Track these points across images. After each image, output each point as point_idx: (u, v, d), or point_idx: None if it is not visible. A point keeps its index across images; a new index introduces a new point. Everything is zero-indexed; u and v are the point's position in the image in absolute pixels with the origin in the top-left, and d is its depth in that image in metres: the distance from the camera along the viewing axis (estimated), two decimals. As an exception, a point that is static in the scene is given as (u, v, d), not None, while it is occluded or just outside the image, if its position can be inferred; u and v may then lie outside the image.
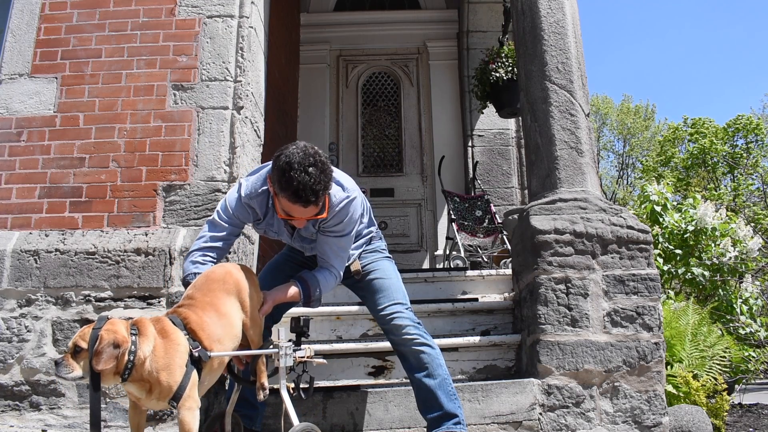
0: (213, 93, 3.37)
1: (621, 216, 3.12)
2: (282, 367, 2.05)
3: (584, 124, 3.35)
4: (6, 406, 2.87)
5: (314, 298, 2.27)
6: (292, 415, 2.02)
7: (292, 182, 1.97)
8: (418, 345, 2.40)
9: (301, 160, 1.99)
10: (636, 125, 23.65)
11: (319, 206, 2.08)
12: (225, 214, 2.30)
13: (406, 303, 2.48)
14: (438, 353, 2.44)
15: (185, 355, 1.85)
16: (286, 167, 1.99)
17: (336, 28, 6.93)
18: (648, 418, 2.81)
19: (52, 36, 3.47)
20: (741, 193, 17.53)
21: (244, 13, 3.52)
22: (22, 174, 3.27)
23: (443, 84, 6.77)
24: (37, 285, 3.02)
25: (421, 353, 2.40)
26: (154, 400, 1.82)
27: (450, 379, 2.44)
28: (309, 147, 2.07)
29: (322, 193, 2.03)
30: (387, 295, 2.46)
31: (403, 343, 2.41)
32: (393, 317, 2.41)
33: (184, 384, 1.81)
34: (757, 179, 17.83)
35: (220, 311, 2.00)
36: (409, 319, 2.42)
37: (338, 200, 2.21)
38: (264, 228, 2.37)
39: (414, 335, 2.40)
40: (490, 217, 5.25)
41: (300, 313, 2.92)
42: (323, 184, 2.02)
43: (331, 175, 2.08)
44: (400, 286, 2.52)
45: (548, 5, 3.48)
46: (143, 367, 1.79)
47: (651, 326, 2.91)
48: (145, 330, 1.84)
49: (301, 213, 2.07)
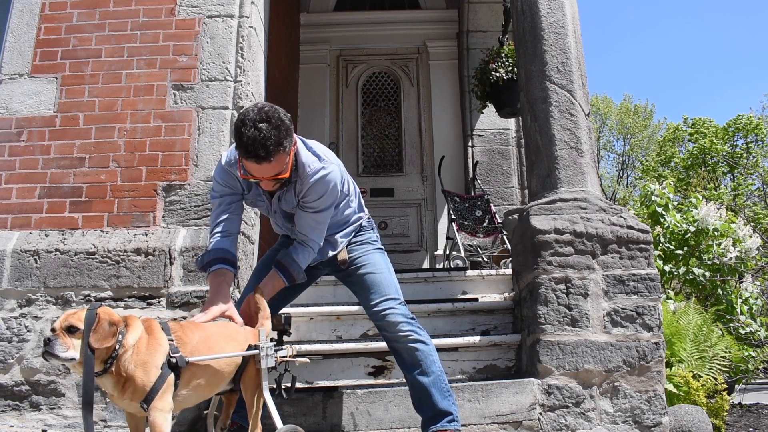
0: (213, 93, 3.37)
1: (621, 216, 3.12)
2: (263, 368, 2.01)
3: (584, 124, 3.35)
4: (6, 406, 2.87)
5: (296, 277, 2.27)
6: (275, 418, 1.98)
7: (242, 138, 1.96)
8: (411, 342, 2.37)
9: (254, 116, 1.97)
10: (635, 125, 23.66)
11: (273, 164, 2.00)
12: (216, 189, 2.31)
13: (399, 298, 2.44)
14: (432, 349, 2.41)
15: (163, 357, 1.81)
16: (239, 124, 1.98)
17: (336, 28, 6.93)
18: (648, 417, 2.81)
19: (52, 36, 3.47)
20: (741, 193, 17.54)
21: (244, 13, 3.52)
22: (22, 174, 3.28)
23: (443, 84, 6.77)
24: (37, 285, 3.02)
25: (414, 350, 2.37)
26: (127, 400, 1.78)
27: (444, 376, 2.41)
28: (268, 105, 2.04)
29: (273, 149, 1.96)
30: (379, 290, 2.42)
31: (397, 340, 2.39)
32: (386, 313, 2.37)
33: (157, 386, 1.77)
34: (757, 179, 17.85)
35: (209, 342, 1.98)
36: (402, 315, 2.38)
37: (313, 170, 2.16)
38: (252, 199, 2.35)
39: (407, 331, 2.37)
40: (490, 217, 5.24)
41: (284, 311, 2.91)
42: (275, 140, 1.95)
43: (286, 132, 2.00)
44: (393, 280, 2.48)
45: (548, 5, 3.48)
46: (125, 356, 1.76)
47: (651, 326, 2.91)
48: (132, 323, 1.84)
49: (257, 171, 2.03)
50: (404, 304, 2.45)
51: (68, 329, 1.72)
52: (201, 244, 3.08)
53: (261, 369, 2.02)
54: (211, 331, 2.03)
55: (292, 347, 2.16)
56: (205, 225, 3.17)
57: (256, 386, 2.04)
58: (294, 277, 2.27)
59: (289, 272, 2.26)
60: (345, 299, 3.54)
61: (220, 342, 2.00)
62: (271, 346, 2.05)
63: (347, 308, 3.46)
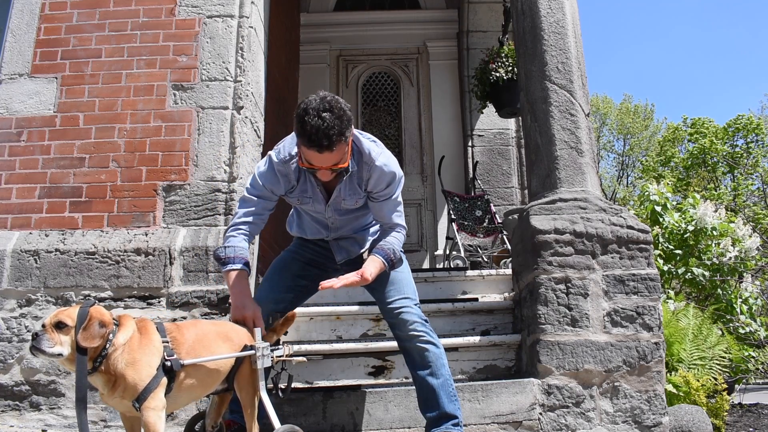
0: (213, 93, 3.37)
1: (621, 216, 3.12)
2: (260, 369, 2.01)
3: (584, 123, 3.35)
4: (6, 406, 2.87)
5: (396, 260, 2.36)
6: (272, 418, 1.97)
7: (305, 126, 1.99)
8: (423, 342, 2.38)
9: (317, 105, 2.02)
10: (635, 125, 23.65)
11: (335, 153, 2.05)
12: (254, 188, 2.29)
13: (415, 299, 2.45)
14: (442, 353, 2.43)
15: (157, 357, 1.81)
16: (302, 113, 2.02)
17: (336, 28, 6.93)
18: (648, 417, 2.81)
19: (52, 36, 3.47)
20: (741, 193, 17.53)
21: (244, 13, 3.52)
22: (22, 174, 3.27)
23: (443, 84, 6.77)
24: (37, 285, 3.02)
25: (425, 351, 2.38)
26: (118, 398, 1.78)
27: (452, 380, 2.43)
28: (329, 95, 2.09)
29: (336, 138, 2.00)
30: (397, 288, 2.42)
31: (409, 339, 2.39)
32: (401, 311, 2.38)
33: (150, 386, 1.76)
34: (757, 179, 17.85)
35: (205, 342, 1.98)
36: (417, 315, 2.39)
37: (377, 154, 2.24)
38: (298, 196, 2.34)
39: (421, 332, 2.38)
40: (490, 217, 5.24)
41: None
42: (337, 129, 2.00)
43: (348, 122, 2.06)
44: (411, 282, 2.50)
45: (548, 5, 3.48)
46: (114, 355, 1.76)
47: (651, 326, 2.91)
48: (125, 323, 1.84)
49: (318, 160, 2.06)
50: (419, 306, 2.46)
51: (57, 325, 1.73)
52: (201, 244, 3.08)
53: (257, 369, 2.01)
54: (207, 329, 2.02)
55: (289, 347, 2.15)
56: (205, 225, 3.17)
57: (251, 386, 2.03)
58: (395, 263, 2.36)
59: (390, 258, 2.33)
60: (345, 299, 3.54)
61: (217, 341, 1.99)
62: (267, 346, 2.04)
63: (347, 308, 3.46)
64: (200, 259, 3.04)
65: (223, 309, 2.97)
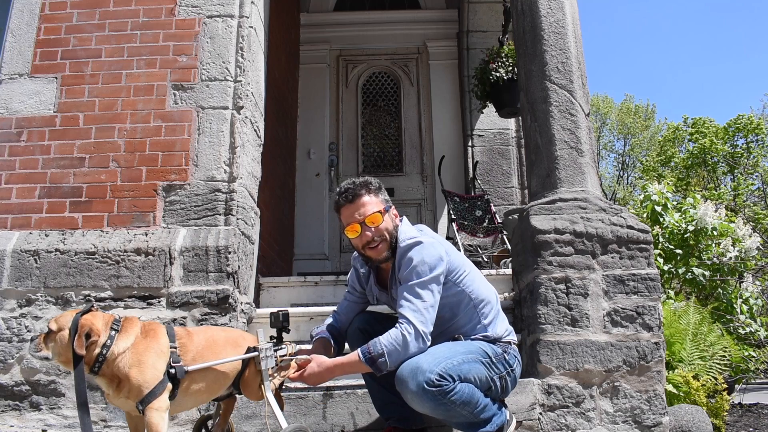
0: (213, 93, 3.37)
1: (621, 216, 3.11)
2: (264, 369, 2.01)
3: (584, 123, 3.35)
4: (6, 406, 2.87)
5: (376, 355, 2.04)
6: (279, 417, 1.98)
7: (338, 190, 2.33)
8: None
9: (348, 180, 2.34)
10: (636, 125, 23.65)
11: (360, 205, 2.25)
12: (349, 282, 2.58)
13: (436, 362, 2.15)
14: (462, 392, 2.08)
15: (163, 361, 1.83)
16: (338, 190, 2.35)
17: (336, 28, 6.93)
18: (648, 417, 2.81)
19: (52, 36, 3.47)
20: (741, 193, 17.54)
21: (244, 13, 3.52)
22: (22, 174, 3.28)
23: (443, 84, 6.77)
24: (37, 285, 3.02)
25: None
26: (122, 399, 1.80)
27: (474, 400, 2.13)
28: (362, 176, 2.41)
29: (357, 190, 2.26)
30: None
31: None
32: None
33: (156, 390, 1.78)
34: (757, 179, 17.85)
35: (215, 348, 2.01)
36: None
37: (406, 237, 2.26)
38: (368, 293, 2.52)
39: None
40: (490, 217, 5.24)
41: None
42: (359, 184, 2.28)
43: (373, 183, 2.31)
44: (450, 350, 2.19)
45: (548, 5, 3.48)
46: (115, 363, 1.78)
47: (651, 326, 2.91)
48: (128, 328, 1.85)
49: (348, 215, 2.26)
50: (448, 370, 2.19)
51: (48, 330, 1.80)
52: (201, 244, 3.08)
53: (262, 370, 2.02)
54: (217, 336, 2.06)
55: (292, 345, 2.16)
56: (205, 225, 3.17)
57: (257, 385, 2.04)
58: (374, 358, 2.04)
59: (368, 350, 2.06)
60: (345, 299, 3.53)
61: (226, 348, 2.02)
62: (270, 347, 2.05)
63: (347, 308, 3.45)
64: (200, 259, 3.04)
65: (222, 309, 2.98)
